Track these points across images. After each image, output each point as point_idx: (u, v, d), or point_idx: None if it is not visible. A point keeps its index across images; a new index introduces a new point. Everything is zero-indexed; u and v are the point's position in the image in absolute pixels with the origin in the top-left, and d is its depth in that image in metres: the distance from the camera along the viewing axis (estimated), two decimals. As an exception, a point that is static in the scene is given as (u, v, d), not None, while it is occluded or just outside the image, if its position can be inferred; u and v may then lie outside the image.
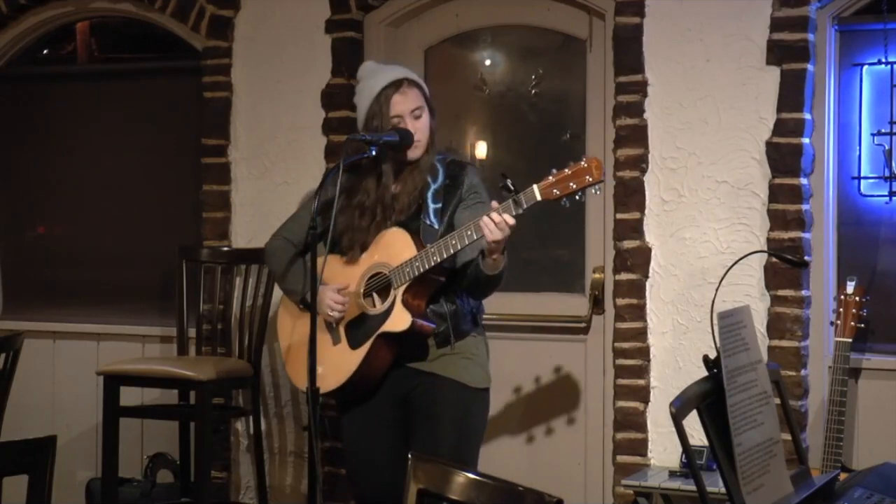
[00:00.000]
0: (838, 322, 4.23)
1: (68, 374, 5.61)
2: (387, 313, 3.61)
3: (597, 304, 4.76)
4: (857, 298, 4.23)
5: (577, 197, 3.39)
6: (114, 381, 4.77)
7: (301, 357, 3.71)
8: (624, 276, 4.64)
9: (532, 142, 5.02)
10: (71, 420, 5.56)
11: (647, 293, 4.61)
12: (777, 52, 4.41)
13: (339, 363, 3.68)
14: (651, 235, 4.61)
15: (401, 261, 3.58)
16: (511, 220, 3.39)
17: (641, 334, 4.61)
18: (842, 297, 4.25)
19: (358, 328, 3.67)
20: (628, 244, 4.62)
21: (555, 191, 3.38)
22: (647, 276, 4.61)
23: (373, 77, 3.74)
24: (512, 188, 3.39)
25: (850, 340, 4.20)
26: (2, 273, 5.92)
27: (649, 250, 4.61)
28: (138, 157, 5.63)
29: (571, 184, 3.37)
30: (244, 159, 5.26)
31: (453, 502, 2.22)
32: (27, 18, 5.74)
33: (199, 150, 5.31)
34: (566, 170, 3.39)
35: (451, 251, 3.49)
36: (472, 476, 2.23)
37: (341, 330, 3.71)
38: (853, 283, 4.25)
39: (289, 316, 3.88)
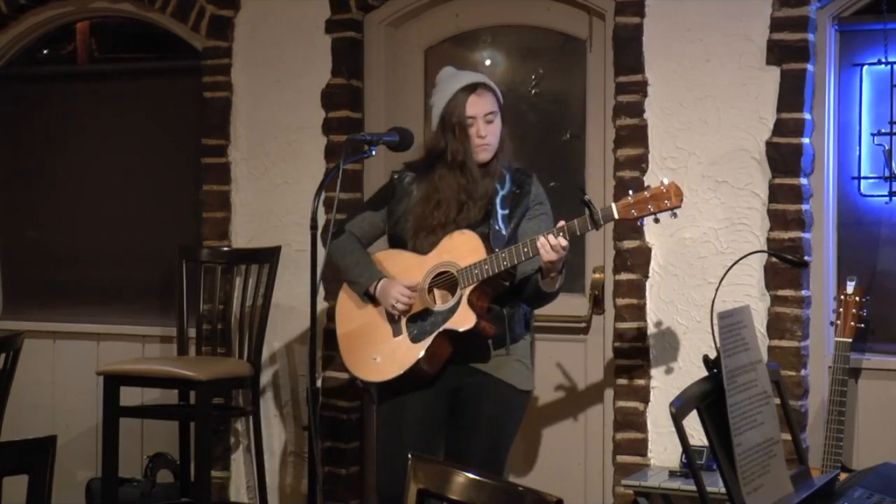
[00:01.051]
0: (838, 322, 4.23)
1: (68, 374, 5.60)
2: (451, 311, 3.70)
3: (597, 304, 4.76)
4: (857, 298, 4.22)
5: (653, 220, 3.56)
6: (114, 381, 4.77)
7: (359, 348, 3.85)
8: (624, 276, 4.64)
9: (532, 142, 5.02)
10: (71, 420, 5.56)
11: (647, 293, 4.61)
12: (777, 52, 4.41)
13: (398, 355, 3.77)
14: (651, 235, 4.61)
15: (469, 262, 3.67)
16: (565, 243, 3.53)
17: (641, 334, 4.61)
18: (842, 297, 4.25)
19: (420, 322, 3.76)
20: (628, 244, 4.62)
21: (633, 211, 3.55)
22: (647, 276, 4.61)
23: (451, 80, 3.85)
24: (590, 204, 3.53)
25: (850, 340, 4.19)
26: (2, 273, 5.93)
27: (649, 250, 4.61)
28: (138, 157, 5.63)
29: (650, 206, 3.54)
30: (244, 159, 5.26)
31: (453, 502, 2.22)
32: (27, 18, 5.74)
33: (199, 150, 5.31)
34: (645, 192, 3.54)
35: (523, 258, 3.60)
36: (472, 476, 2.23)
37: (403, 323, 3.78)
38: (853, 283, 4.25)
39: (352, 304, 3.93)
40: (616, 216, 3.57)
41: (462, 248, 3.72)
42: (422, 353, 3.72)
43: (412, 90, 5.10)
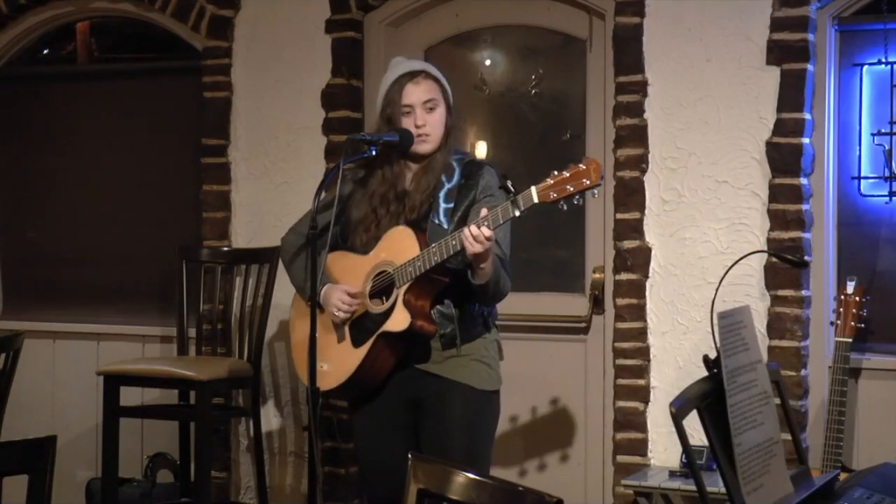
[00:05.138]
0: (838, 322, 4.23)
1: (68, 374, 5.61)
2: (388, 313, 3.56)
3: (597, 304, 4.76)
4: (857, 298, 4.22)
5: (575, 201, 3.32)
6: (114, 381, 4.77)
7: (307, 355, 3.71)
8: (624, 276, 4.64)
9: (532, 142, 5.02)
10: (71, 420, 5.56)
11: (647, 293, 4.61)
12: (777, 52, 4.41)
13: (341, 361, 3.65)
14: (651, 235, 4.61)
15: (405, 259, 3.52)
16: (489, 233, 3.32)
17: (641, 334, 4.61)
18: (842, 297, 4.25)
19: (361, 326, 3.63)
20: (628, 244, 4.62)
21: (552, 194, 3.30)
22: (647, 276, 4.61)
23: (394, 68, 3.73)
24: (511, 189, 3.33)
25: (850, 340, 4.19)
26: (2, 273, 5.93)
27: (649, 250, 4.61)
28: (138, 157, 5.63)
29: (569, 186, 3.29)
30: (244, 159, 5.26)
31: (453, 502, 2.22)
32: (27, 18, 5.75)
33: (199, 150, 5.31)
34: (565, 172, 3.32)
35: (452, 252, 3.43)
36: (472, 476, 2.23)
37: (346, 328, 3.67)
38: (853, 283, 4.25)
39: (297, 313, 3.83)
40: (535, 200, 3.29)
41: (398, 245, 3.57)
42: (362, 358, 3.59)
43: (412, 90, 5.09)
